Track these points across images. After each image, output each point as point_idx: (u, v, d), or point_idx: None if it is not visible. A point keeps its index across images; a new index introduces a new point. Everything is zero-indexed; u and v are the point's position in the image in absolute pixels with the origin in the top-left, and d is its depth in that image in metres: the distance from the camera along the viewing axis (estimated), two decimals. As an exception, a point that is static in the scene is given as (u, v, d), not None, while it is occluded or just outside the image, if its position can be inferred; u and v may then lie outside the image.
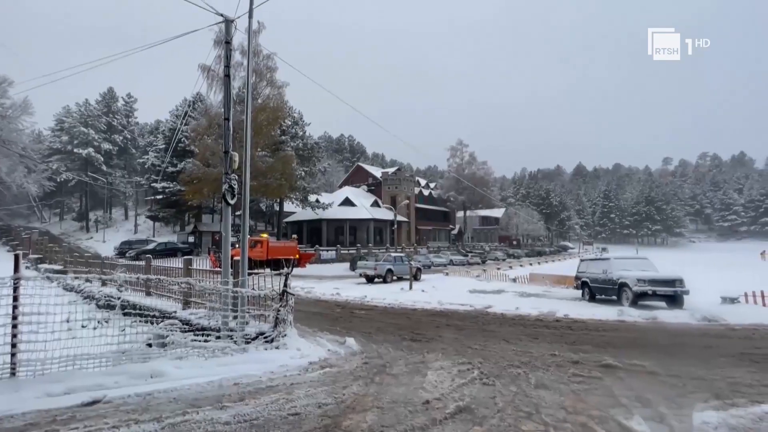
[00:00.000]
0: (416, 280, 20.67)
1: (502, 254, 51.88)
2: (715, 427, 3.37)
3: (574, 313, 10.34)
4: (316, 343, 6.79)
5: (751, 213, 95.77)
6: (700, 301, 11.23)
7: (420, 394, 4.20)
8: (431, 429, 3.33)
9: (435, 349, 6.38)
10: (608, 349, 6.43)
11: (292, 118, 40.46)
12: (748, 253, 56.28)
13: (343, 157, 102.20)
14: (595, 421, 3.51)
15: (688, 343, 6.93)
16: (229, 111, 7.40)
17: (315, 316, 10.41)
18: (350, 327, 8.67)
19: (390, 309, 11.82)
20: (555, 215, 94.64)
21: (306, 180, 39.84)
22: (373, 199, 53.14)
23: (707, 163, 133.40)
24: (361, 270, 21.52)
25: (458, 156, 62.70)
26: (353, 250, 40.56)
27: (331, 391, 4.26)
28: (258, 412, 3.63)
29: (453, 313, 10.72)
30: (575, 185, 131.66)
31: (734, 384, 4.55)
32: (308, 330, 7.93)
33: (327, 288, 17.53)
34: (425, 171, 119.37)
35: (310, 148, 40.86)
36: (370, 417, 3.56)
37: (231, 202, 7.15)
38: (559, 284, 18.20)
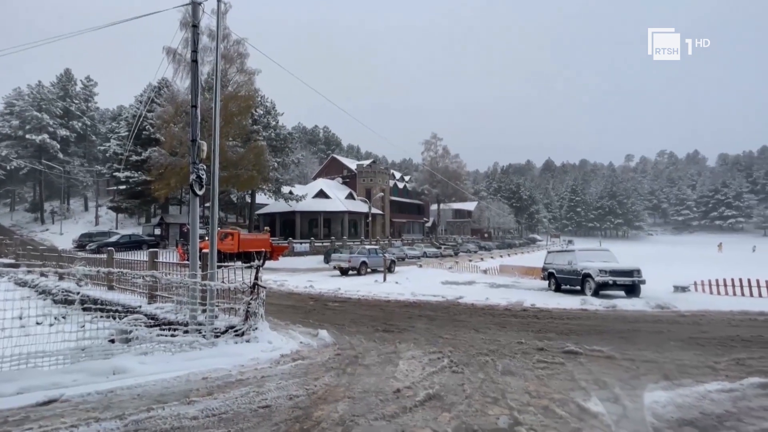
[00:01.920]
0: (390, 272, 20.84)
1: (475, 246, 53.03)
2: (664, 405, 3.62)
3: (540, 302, 10.77)
4: (288, 335, 6.74)
5: (702, 208, 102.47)
6: (655, 290, 11.98)
7: (391, 383, 4.27)
8: (401, 417, 3.40)
9: (407, 340, 6.48)
10: (571, 336, 6.76)
11: (265, 107, 39.43)
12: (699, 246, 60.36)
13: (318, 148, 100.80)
14: (556, 404, 3.69)
15: (643, 329, 7.38)
16: (196, 98, 7.11)
17: (288, 308, 10.32)
18: (323, 319, 8.65)
19: (364, 301, 11.87)
20: (525, 209, 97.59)
21: (279, 171, 39.03)
22: (348, 191, 52.86)
23: (665, 160, 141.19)
24: (335, 262, 21.45)
25: (432, 149, 63.24)
26: (327, 243, 40.28)
27: (303, 383, 4.25)
28: (227, 405, 3.58)
29: (425, 304, 10.91)
30: (544, 180, 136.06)
31: (682, 366, 4.91)
32: (280, 323, 7.85)
33: (300, 281, 17.37)
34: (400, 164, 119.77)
35: (283, 139, 40.01)
36: (341, 407, 3.59)
37: (199, 192, 6.91)
38: (527, 275, 18.85)
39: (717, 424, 3.27)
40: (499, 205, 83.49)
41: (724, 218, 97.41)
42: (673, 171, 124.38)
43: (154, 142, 34.68)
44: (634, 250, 42.84)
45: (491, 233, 77.99)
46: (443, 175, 57.70)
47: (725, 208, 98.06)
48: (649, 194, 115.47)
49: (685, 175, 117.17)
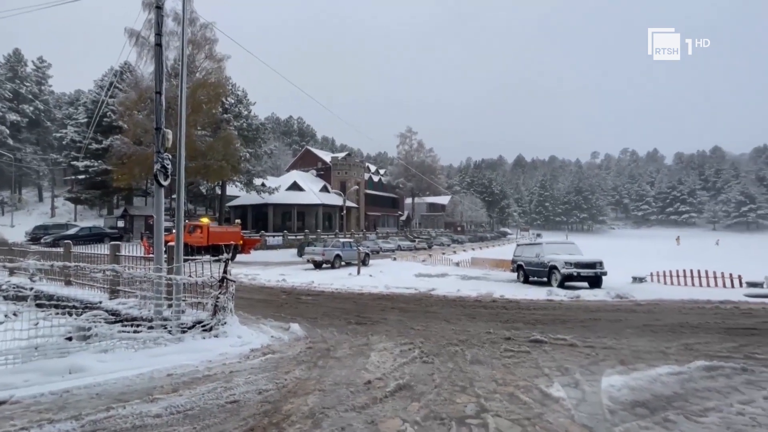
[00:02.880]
0: (364, 266, 20.87)
1: (448, 240, 53.93)
2: (619, 389, 3.84)
3: (509, 294, 11.12)
4: (259, 329, 6.63)
5: (660, 204, 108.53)
6: (616, 281, 12.64)
7: (362, 375, 4.29)
8: (372, 407, 3.43)
9: (379, 332, 6.53)
10: (537, 325, 7.02)
11: (236, 96, 38.19)
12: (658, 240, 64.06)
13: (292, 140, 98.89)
14: (521, 391, 3.83)
15: (603, 317, 7.78)
16: (161, 84, 6.78)
17: (259, 302, 10.14)
18: (296, 313, 8.56)
19: (337, 294, 11.84)
20: (496, 203, 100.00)
21: (251, 162, 38.03)
22: (322, 183, 52.31)
23: (627, 158, 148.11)
24: (309, 256, 21.24)
25: (407, 143, 63.52)
26: (301, 236, 39.78)
27: (273, 377, 4.21)
28: (193, 402, 3.49)
29: (398, 297, 11.01)
30: (515, 175, 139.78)
31: (636, 351, 5.21)
32: (251, 317, 7.70)
33: (273, 274, 17.10)
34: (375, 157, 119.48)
35: (255, 129, 38.96)
36: (311, 400, 3.58)
37: (164, 183, 6.62)
38: (497, 267, 19.39)
39: (666, 404, 3.50)
40: (472, 200, 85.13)
41: (679, 213, 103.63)
42: (635, 168, 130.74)
43: (116, 129, 32.87)
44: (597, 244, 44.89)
45: (464, 227, 79.47)
46: (418, 169, 58.13)
47: (680, 204, 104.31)
48: (612, 190, 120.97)
49: (645, 173, 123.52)
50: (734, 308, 8.77)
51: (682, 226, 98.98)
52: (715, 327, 6.79)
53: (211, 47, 26.88)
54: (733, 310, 8.50)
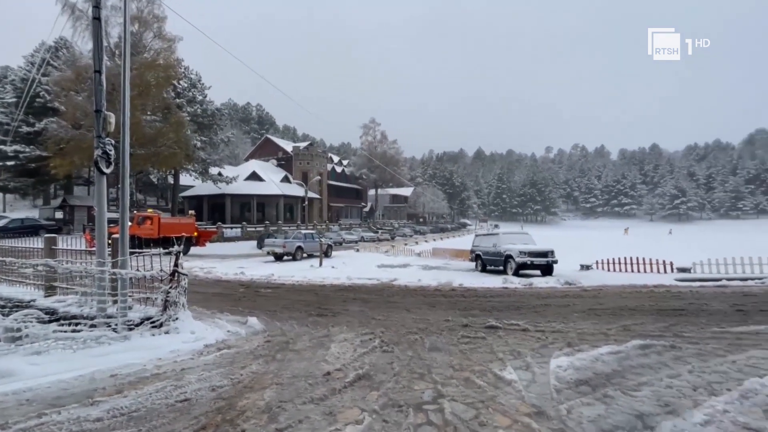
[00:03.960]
0: (327, 257, 20.68)
1: (410, 231, 54.69)
2: (565, 369, 4.09)
3: (467, 282, 11.48)
4: (214, 324, 6.38)
5: (606, 196, 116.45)
6: (566, 268, 13.41)
7: (322, 366, 4.26)
8: (330, 398, 3.42)
9: (340, 323, 6.51)
10: (493, 312, 7.31)
11: (189, 79, 36.04)
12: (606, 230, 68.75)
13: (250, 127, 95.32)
14: (476, 375, 3.98)
15: (553, 303, 8.25)
16: (100, 62, 6.21)
17: (215, 296, 9.75)
18: (254, 306, 8.32)
19: (298, 286, 11.65)
20: (457, 195, 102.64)
21: (206, 150, 36.21)
22: (283, 174, 50.97)
23: (578, 153, 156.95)
24: (269, 248, 20.69)
25: (371, 134, 63.28)
26: (261, 228, 38.66)
27: (228, 373, 4.06)
28: (139, 403, 3.29)
29: (361, 287, 11.03)
30: (475, 168, 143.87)
31: (582, 334, 5.58)
32: (206, 312, 7.40)
33: (230, 267, 16.50)
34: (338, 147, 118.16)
35: (210, 115, 37.04)
36: (268, 394, 3.50)
37: (106, 170, 6.12)
38: (457, 257, 19.94)
39: (605, 381, 3.77)
40: (434, 191, 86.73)
41: (622, 205, 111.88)
42: (584, 163, 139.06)
43: (51, 111, 29.96)
44: (549, 234, 47.48)
45: (426, 218, 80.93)
46: (381, 160, 58.17)
47: (623, 197, 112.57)
48: (563, 183, 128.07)
49: (594, 167, 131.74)
50: (666, 292, 9.62)
51: (624, 217, 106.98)
52: (650, 309, 7.42)
53: (160, 26, 25.13)
54: (665, 294, 9.32)
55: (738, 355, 4.51)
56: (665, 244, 35.85)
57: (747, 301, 8.10)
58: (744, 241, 34.58)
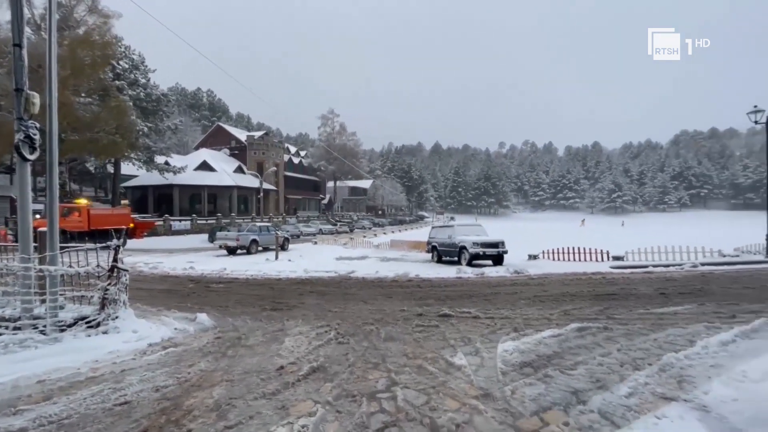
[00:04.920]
0: (283, 250, 20.23)
1: (369, 223, 54.85)
2: (511, 352, 4.34)
3: (423, 273, 11.76)
4: (160, 322, 6.03)
5: (552, 190, 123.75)
6: (515, 258, 14.14)
7: (275, 361, 4.19)
8: (283, 393, 3.37)
9: (296, 316, 6.42)
10: (447, 301, 7.56)
11: (130, 60, 33.30)
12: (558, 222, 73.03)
13: (201, 114, 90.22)
14: (428, 362, 4.11)
15: (502, 291, 8.68)
16: (20, 35, 5.54)
17: (162, 293, 9.23)
18: (204, 302, 7.97)
19: (252, 280, 11.31)
20: (415, 188, 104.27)
21: (151, 137, 33.83)
22: (237, 164, 48.90)
23: (528, 149, 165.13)
24: (222, 241, 19.85)
25: (329, 125, 62.32)
26: (213, 221, 36.96)
27: (174, 372, 3.87)
28: (71, 409, 3.05)
29: (318, 280, 10.93)
30: (432, 161, 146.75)
31: (527, 319, 5.93)
32: (151, 309, 6.98)
33: (179, 262, 15.65)
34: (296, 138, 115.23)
35: (155, 100, 34.55)
36: (217, 391, 3.39)
37: (29, 157, 5.51)
38: (414, 249, 20.32)
39: (547, 362, 4.05)
40: (393, 184, 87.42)
41: (567, 199, 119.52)
42: (534, 158, 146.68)
43: (-37, 89, 26.35)
44: (502, 225, 49.72)
45: (385, 210, 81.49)
46: (340, 152, 57.56)
47: (568, 191, 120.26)
48: (515, 178, 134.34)
49: (542, 162, 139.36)
50: (602, 278, 10.47)
51: (569, 210, 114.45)
52: (588, 294, 8.04)
53: None
54: (601, 280, 10.14)
55: (659, 333, 5.03)
56: (618, 234, 37.89)
57: (668, 285, 9.02)
58: (675, 232, 38.20)
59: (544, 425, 2.79)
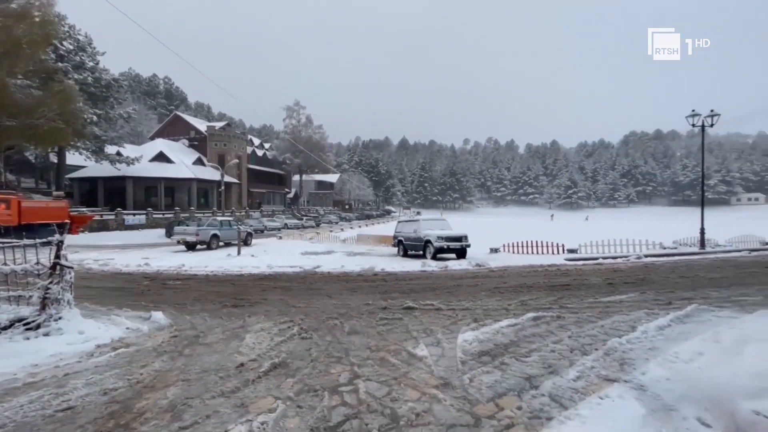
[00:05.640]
0: (246, 245, 19.68)
1: (336, 218, 54.43)
2: (471, 342, 4.50)
3: (389, 267, 11.87)
4: (110, 322, 5.69)
5: (514, 186, 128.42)
6: (477, 252, 14.59)
7: (235, 358, 4.09)
8: (243, 390, 3.30)
9: (258, 312, 6.28)
10: (411, 294, 7.68)
11: (76, 41, 30.82)
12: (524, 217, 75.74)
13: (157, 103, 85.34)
14: (391, 355, 4.17)
15: (464, 283, 8.95)
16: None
17: (113, 291, 8.71)
18: (160, 300, 7.61)
19: (213, 277, 10.93)
20: (382, 182, 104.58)
21: (101, 126, 31.61)
22: (197, 155, 46.77)
23: (491, 146, 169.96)
24: (180, 236, 18.98)
25: (295, 117, 60.92)
26: (170, 215, 35.23)
27: (124, 373, 3.68)
28: (6, 417, 2.82)
29: (282, 276, 10.74)
30: (399, 156, 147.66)
31: (487, 310, 6.16)
32: (101, 308, 6.57)
33: (132, 258, 14.81)
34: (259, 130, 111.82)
35: (105, 86, 32.25)
36: (173, 392, 3.26)
37: (-46, 143, 4.99)
38: (381, 243, 20.43)
39: (504, 351, 4.24)
40: (360, 179, 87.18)
41: (527, 195, 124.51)
42: (497, 155, 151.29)
43: None
44: (466, 220, 51.03)
45: (352, 205, 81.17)
46: (306, 145, 56.52)
47: (528, 187, 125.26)
48: (479, 174, 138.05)
49: (504, 159, 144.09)
50: (557, 270, 11.05)
51: (528, 205, 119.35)
52: (544, 285, 8.46)
53: (32, -29, 20.86)
54: (556, 272, 10.71)
55: (606, 320, 5.40)
56: (582, 228, 39.20)
57: (615, 276, 9.68)
58: (625, 226, 40.73)
59: (499, 410, 2.93)
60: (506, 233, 20.73)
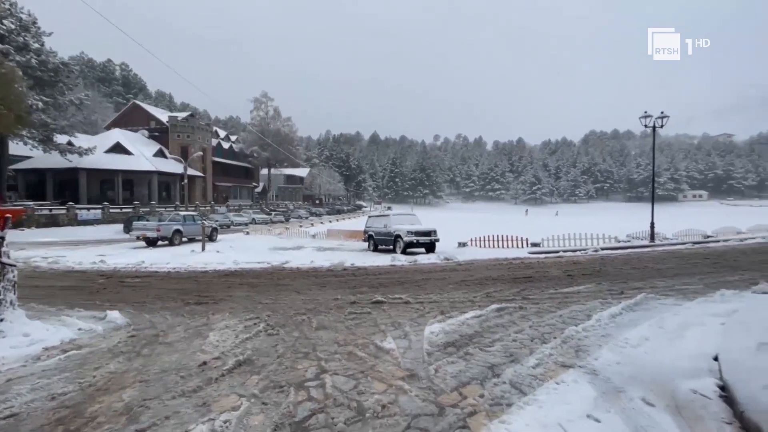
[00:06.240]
0: (211, 241, 19.05)
1: (306, 212, 53.62)
2: (437, 334, 4.60)
3: (359, 262, 11.86)
4: (60, 323, 5.34)
5: (482, 182, 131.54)
6: (446, 246, 14.87)
7: (197, 357, 3.96)
8: (205, 389, 3.21)
9: (222, 310, 6.11)
10: (380, 288, 7.73)
11: (18, 20, 28.33)
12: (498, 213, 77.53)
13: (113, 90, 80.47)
14: (359, 348, 4.19)
15: (433, 277, 9.11)
16: None
17: (64, 290, 8.19)
18: (117, 299, 7.22)
19: (175, 274, 10.49)
20: (353, 177, 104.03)
21: (49, 113, 29.34)
22: (158, 147, 44.52)
23: (461, 142, 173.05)
24: (140, 231, 18.05)
25: (262, 109, 59.22)
26: (129, 209, 33.44)
27: (75, 377, 3.48)
28: (-62, 428, 2.60)
29: (248, 272, 10.48)
30: (371, 151, 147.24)
31: (453, 302, 6.31)
32: (50, 309, 6.16)
33: (86, 255, 13.94)
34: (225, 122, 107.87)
35: (53, 70, 29.90)
36: (129, 394, 3.12)
37: None
38: (351, 238, 20.37)
39: (468, 341, 4.36)
40: (330, 173, 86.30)
41: (494, 190, 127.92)
42: (465, 151, 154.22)
43: None
44: (437, 215, 51.79)
45: (322, 200, 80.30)
46: (274, 138, 55.13)
47: (495, 183, 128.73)
48: (448, 170, 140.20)
49: (473, 156, 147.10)
50: (521, 263, 11.47)
51: (495, 200, 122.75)
52: (508, 278, 8.77)
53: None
54: (520, 264, 11.12)
55: (564, 310, 5.68)
56: (553, 223, 40.37)
57: (574, 268, 10.19)
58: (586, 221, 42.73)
59: (462, 399, 3.02)
60: (483, 228, 21.08)
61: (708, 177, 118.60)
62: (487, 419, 2.70)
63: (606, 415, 2.68)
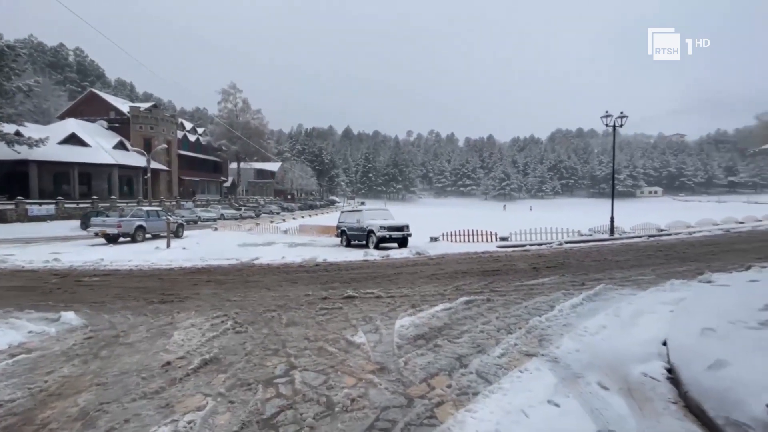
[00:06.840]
0: (178, 237, 18.37)
1: (277, 208, 52.59)
2: (407, 327, 4.66)
3: (331, 257, 11.79)
4: (7, 325, 5.00)
5: (453, 178, 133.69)
6: (418, 241, 15.02)
7: (160, 357, 3.82)
8: (168, 390, 3.11)
9: (188, 308, 5.91)
10: (352, 284, 7.72)
11: (-45, -3, 25.85)
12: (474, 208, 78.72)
13: (66, 77, 75.42)
14: (329, 344, 4.18)
15: (405, 271, 9.19)
16: None
17: (13, 291, 7.66)
18: (73, 299, 6.84)
19: (137, 272, 10.03)
20: (326, 172, 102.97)
21: (-8, 101, 27.10)
22: (118, 139, 42.17)
23: (433, 138, 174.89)
24: (99, 228, 17.13)
25: (231, 101, 57.30)
26: (87, 204, 31.59)
27: (24, 382, 3.27)
28: None
29: (216, 269, 10.18)
30: (344, 146, 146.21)
31: (424, 296, 6.40)
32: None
33: (38, 254, 13.10)
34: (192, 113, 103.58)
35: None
36: (85, 398, 2.97)
37: None
38: (324, 234, 20.19)
39: (437, 333, 4.45)
40: (303, 168, 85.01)
41: (466, 186, 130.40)
42: (438, 147, 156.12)
43: None
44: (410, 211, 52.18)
45: (294, 195, 79.02)
46: (244, 131, 53.54)
47: (466, 179, 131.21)
48: (421, 165, 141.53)
49: (445, 152, 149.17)
50: (489, 257, 11.78)
51: (467, 196, 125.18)
52: (477, 271, 8.99)
53: None
54: (489, 258, 11.42)
55: (529, 301, 5.89)
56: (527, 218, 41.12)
57: (540, 261, 10.58)
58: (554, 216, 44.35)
59: (430, 390, 3.08)
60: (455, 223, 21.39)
61: (663, 174, 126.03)
62: (454, 408, 2.77)
63: (565, 400, 2.82)
